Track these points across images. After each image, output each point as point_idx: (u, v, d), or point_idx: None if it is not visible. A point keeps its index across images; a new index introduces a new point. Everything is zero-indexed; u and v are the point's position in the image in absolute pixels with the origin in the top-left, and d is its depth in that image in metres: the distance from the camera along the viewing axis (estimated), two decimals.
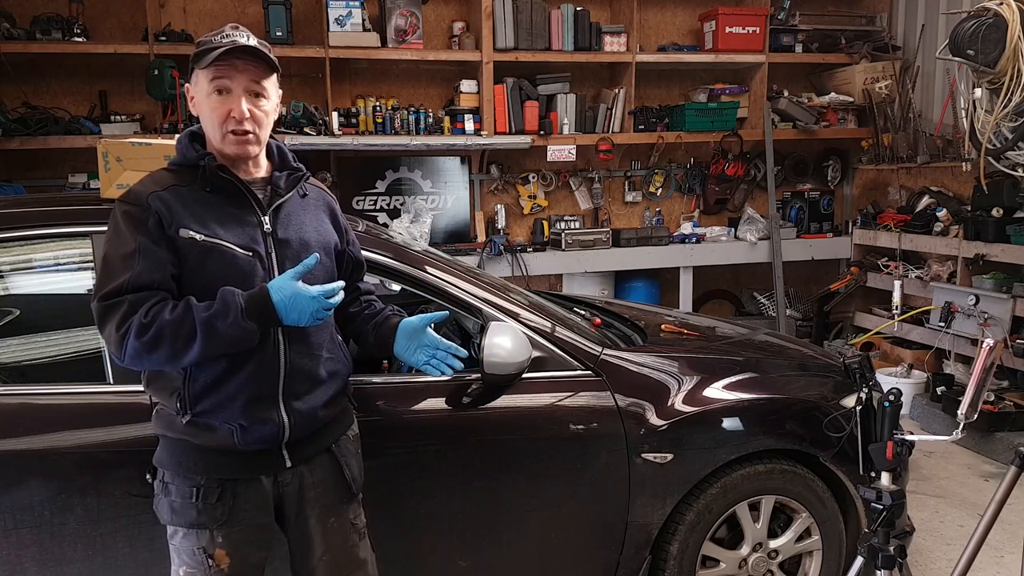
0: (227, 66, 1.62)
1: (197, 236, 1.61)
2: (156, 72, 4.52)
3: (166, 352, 1.55)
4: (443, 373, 1.89)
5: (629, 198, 5.96)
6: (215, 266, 1.62)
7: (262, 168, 1.76)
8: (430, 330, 1.90)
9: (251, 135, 1.67)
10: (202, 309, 1.56)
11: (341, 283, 1.69)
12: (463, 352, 1.93)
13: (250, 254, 1.66)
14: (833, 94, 5.85)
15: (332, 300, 1.64)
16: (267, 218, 1.71)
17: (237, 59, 1.63)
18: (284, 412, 1.69)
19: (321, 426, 1.78)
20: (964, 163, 4.77)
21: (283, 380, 1.69)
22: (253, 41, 1.65)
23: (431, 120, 5.15)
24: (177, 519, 1.68)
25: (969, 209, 4.91)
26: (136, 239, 1.58)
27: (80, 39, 4.54)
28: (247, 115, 1.64)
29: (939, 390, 4.58)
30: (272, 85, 1.71)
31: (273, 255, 1.70)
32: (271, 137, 1.78)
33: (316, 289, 1.61)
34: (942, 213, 5.15)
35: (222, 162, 1.68)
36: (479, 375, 2.13)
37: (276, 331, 1.67)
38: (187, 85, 1.72)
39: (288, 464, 1.73)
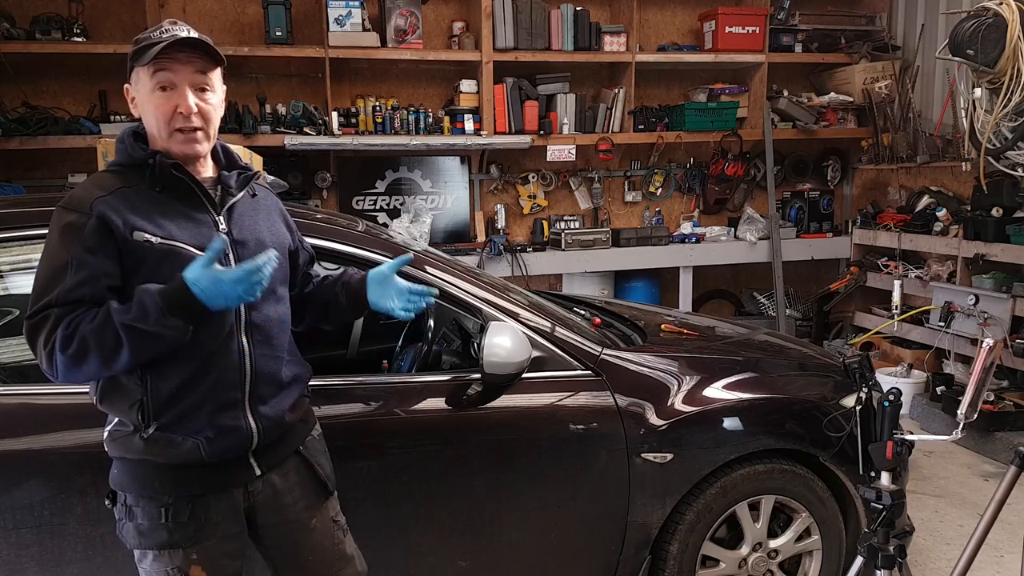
0: (169, 60, 1.55)
1: (153, 239, 1.52)
2: None
3: (95, 363, 1.46)
4: (420, 310, 1.85)
5: (629, 198, 5.96)
6: (172, 269, 1.51)
7: (209, 168, 1.68)
8: (397, 277, 1.85)
9: (199, 131, 1.59)
10: (122, 313, 1.45)
11: (271, 252, 1.53)
12: (434, 291, 1.88)
13: None
14: (833, 94, 5.85)
15: (263, 272, 1.48)
16: (221, 218, 1.64)
17: (179, 52, 1.55)
18: (252, 418, 1.63)
19: (287, 430, 1.74)
20: (964, 163, 4.77)
21: (249, 385, 1.63)
22: (194, 33, 1.59)
23: (431, 120, 5.15)
24: (146, 542, 1.60)
25: (969, 209, 4.91)
26: (70, 251, 1.49)
27: (80, 39, 4.54)
28: (195, 109, 1.57)
29: (939, 390, 4.58)
30: (217, 78, 1.64)
31: (231, 256, 1.62)
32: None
33: (237, 271, 1.47)
34: (942, 213, 5.15)
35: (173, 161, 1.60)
36: (479, 375, 2.13)
37: (239, 335, 1.61)
38: (127, 86, 1.63)
39: (258, 472, 1.68)
